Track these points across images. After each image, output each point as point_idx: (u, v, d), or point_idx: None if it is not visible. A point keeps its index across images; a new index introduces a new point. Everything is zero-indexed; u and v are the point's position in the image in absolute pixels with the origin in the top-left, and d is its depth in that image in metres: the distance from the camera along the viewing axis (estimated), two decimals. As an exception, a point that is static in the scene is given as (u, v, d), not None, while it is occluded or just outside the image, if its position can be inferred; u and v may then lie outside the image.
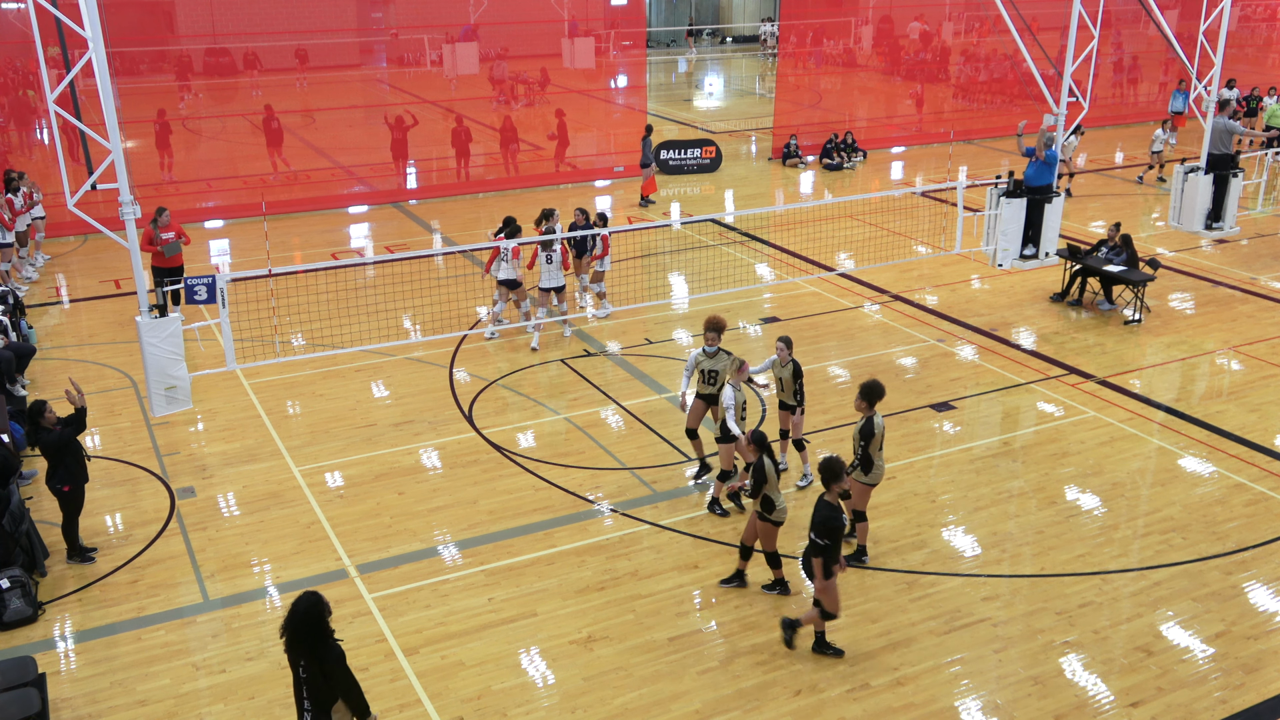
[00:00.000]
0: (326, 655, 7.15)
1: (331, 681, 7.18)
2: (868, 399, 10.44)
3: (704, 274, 19.78)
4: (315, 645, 7.15)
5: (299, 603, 7.17)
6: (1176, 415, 14.21)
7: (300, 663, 7.21)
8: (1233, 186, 18.54)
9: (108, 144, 11.22)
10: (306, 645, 7.15)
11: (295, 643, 7.17)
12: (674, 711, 9.00)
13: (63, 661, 9.65)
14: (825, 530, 9.02)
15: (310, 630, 7.13)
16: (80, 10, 10.97)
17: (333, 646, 7.21)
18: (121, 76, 33.05)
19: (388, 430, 13.79)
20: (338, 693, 7.23)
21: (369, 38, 42.34)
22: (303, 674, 7.22)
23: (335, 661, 7.17)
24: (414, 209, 24.62)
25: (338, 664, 7.18)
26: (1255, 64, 41.22)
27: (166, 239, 16.45)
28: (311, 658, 7.16)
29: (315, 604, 7.17)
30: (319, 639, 7.16)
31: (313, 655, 7.15)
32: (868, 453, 10.47)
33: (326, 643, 7.19)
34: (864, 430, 10.42)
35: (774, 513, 10.01)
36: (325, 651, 7.16)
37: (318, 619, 7.14)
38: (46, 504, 11.28)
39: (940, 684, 9.28)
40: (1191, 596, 10.47)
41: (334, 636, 7.26)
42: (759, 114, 35.27)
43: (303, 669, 7.21)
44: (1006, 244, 16.98)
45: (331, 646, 7.20)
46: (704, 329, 11.99)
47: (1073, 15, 16.38)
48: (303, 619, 7.11)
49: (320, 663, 7.15)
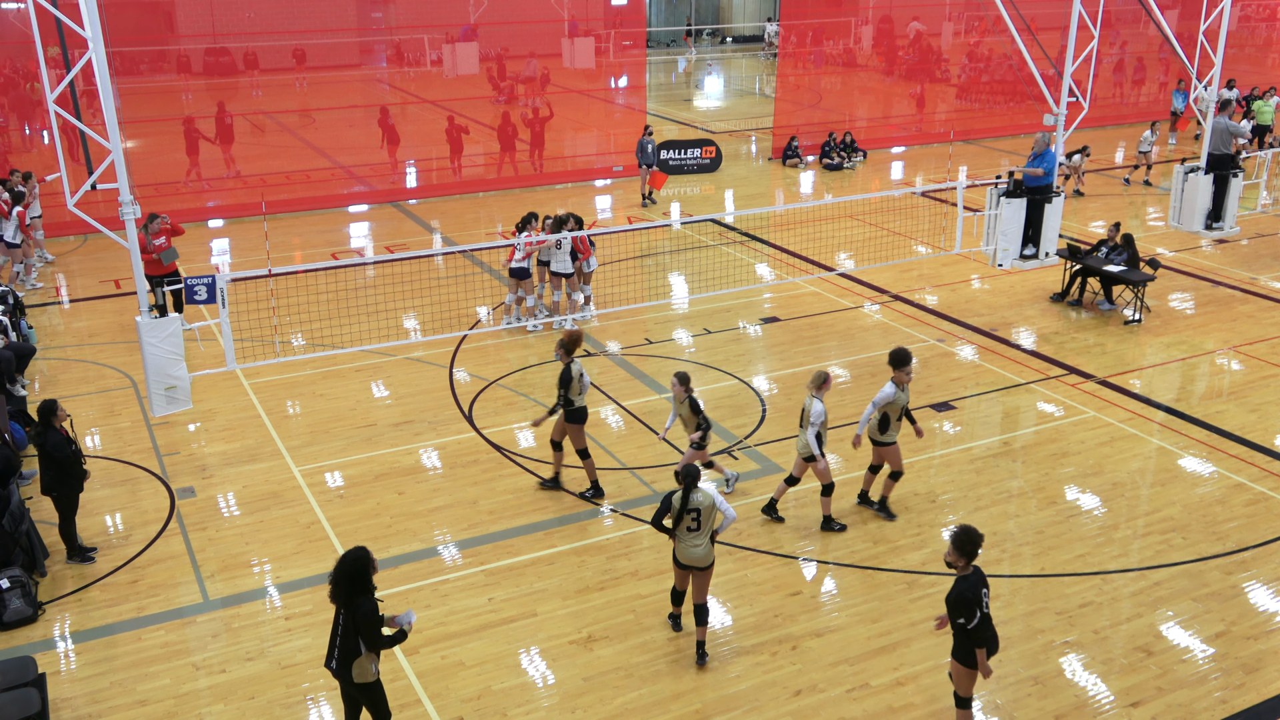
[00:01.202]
0: (360, 607, 7.63)
1: (362, 631, 7.64)
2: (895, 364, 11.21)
3: (704, 274, 19.78)
4: (353, 595, 7.63)
5: (348, 554, 7.69)
6: (1176, 415, 14.21)
7: (340, 611, 7.73)
8: (1233, 186, 18.55)
9: (108, 144, 11.22)
10: (345, 594, 7.64)
11: (336, 591, 7.67)
12: (674, 711, 9.00)
13: (63, 661, 9.65)
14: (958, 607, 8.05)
15: (351, 581, 7.61)
16: (80, 10, 10.97)
17: (368, 601, 7.67)
18: (121, 76, 33.04)
19: (388, 430, 13.79)
20: (362, 646, 7.70)
21: (369, 38, 42.33)
22: (340, 621, 7.74)
23: (366, 615, 7.64)
24: (413, 209, 24.62)
25: (367, 618, 7.64)
26: (1255, 64, 41.23)
27: (158, 244, 16.34)
28: (348, 608, 7.65)
29: (361, 558, 7.68)
30: (358, 590, 7.64)
31: (349, 605, 7.64)
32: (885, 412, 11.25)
33: (364, 596, 7.66)
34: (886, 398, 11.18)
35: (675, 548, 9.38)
36: (361, 603, 7.64)
37: (361, 571, 7.63)
38: (46, 504, 11.28)
39: (940, 684, 9.27)
40: (1191, 596, 10.47)
41: (373, 593, 7.73)
42: (759, 114, 35.27)
43: (340, 617, 7.73)
44: (1006, 244, 16.98)
45: (367, 600, 7.66)
46: (566, 342, 11.76)
47: (1073, 15, 16.38)
48: (347, 569, 7.62)
49: (354, 613, 7.63)
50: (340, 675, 7.84)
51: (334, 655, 7.81)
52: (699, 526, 9.17)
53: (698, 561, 9.31)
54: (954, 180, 25.41)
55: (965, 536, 8.01)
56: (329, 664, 7.89)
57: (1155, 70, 36.66)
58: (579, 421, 11.84)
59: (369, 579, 7.70)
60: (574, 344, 11.77)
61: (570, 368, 11.64)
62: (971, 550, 8.02)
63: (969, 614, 7.96)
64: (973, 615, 7.96)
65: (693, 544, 9.24)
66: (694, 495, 9.13)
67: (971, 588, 7.97)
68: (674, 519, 9.16)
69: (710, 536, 9.27)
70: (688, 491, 9.13)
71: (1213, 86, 18.24)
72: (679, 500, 9.14)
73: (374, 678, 7.88)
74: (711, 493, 9.23)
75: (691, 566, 9.37)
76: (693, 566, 9.37)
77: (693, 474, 9.19)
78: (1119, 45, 37.09)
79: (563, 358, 11.75)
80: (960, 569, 8.07)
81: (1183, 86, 30.06)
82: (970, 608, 7.96)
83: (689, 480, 9.15)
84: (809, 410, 10.93)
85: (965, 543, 8.00)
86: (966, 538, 8.00)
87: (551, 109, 27.38)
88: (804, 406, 11.02)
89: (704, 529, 9.19)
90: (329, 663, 7.88)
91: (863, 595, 10.49)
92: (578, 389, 11.66)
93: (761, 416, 14.15)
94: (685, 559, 9.34)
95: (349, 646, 7.72)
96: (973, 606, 7.96)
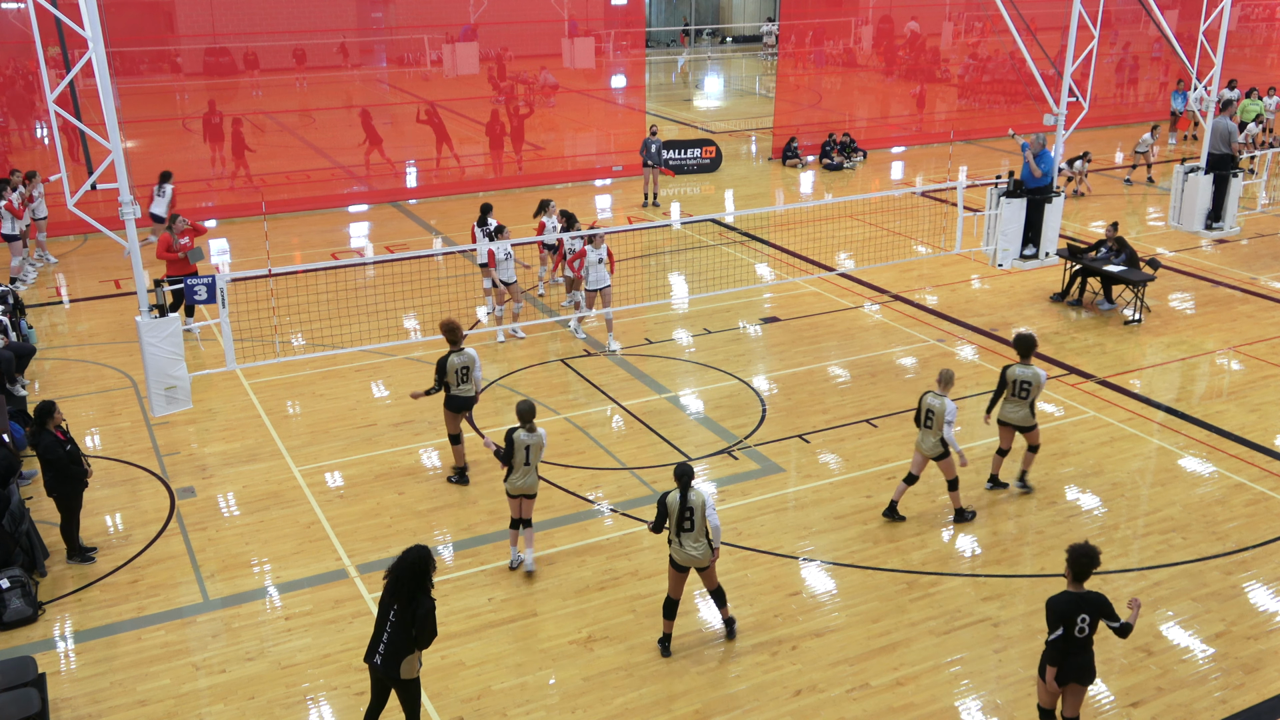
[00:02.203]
0: (421, 604, 7.75)
1: (419, 628, 7.74)
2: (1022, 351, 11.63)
3: (704, 274, 19.78)
4: (415, 592, 7.75)
5: (410, 551, 7.81)
6: (1176, 415, 14.21)
7: (394, 607, 7.76)
8: (1233, 186, 18.54)
9: (108, 144, 11.22)
10: (407, 591, 7.73)
11: (397, 587, 7.75)
12: (674, 711, 9.00)
13: (63, 661, 9.65)
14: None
15: (415, 577, 7.74)
16: (80, 10, 10.96)
17: (428, 599, 7.81)
18: (121, 76, 33.01)
19: (388, 430, 13.79)
20: (417, 642, 7.81)
21: (369, 38, 42.32)
22: (392, 618, 7.78)
23: (426, 613, 7.76)
24: (413, 209, 24.62)
25: (427, 616, 7.77)
26: (1255, 64, 41.22)
27: (184, 244, 16.37)
28: (407, 604, 7.73)
29: (425, 556, 7.81)
30: (420, 588, 7.76)
31: (409, 601, 7.72)
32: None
33: (425, 594, 7.79)
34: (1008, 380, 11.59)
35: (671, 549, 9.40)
36: (421, 601, 7.75)
37: (425, 569, 7.77)
38: (46, 504, 11.28)
39: (940, 684, 9.28)
40: (1191, 596, 10.47)
41: (432, 591, 7.86)
42: (759, 114, 35.26)
43: (394, 614, 7.76)
44: (1006, 244, 16.97)
45: (427, 598, 7.81)
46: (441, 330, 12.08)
47: (1073, 15, 16.37)
48: (411, 564, 7.75)
49: (414, 609, 7.72)
50: (386, 670, 7.86)
51: (379, 650, 7.84)
52: (693, 527, 9.17)
53: (698, 561, 9.32)
54: (954, 180, 25.41)
55: (1074, 552, 7.88)
56: (371, 659, 7.90)
57: (1155, 70, 36.65)
58: (451, 409, 12.28)
59: (430, 577, 7.83)
60: (450, 332, 12.08)
61: (449, 357, 11.97)
62: (1079, 570, 7.85)
63: (1050, 626, 7.81)
64: (1053, 628, 7.80)
65: (692, 545, 9.24)
66: (689, 495, 9.15)
67: (1066, 603, 7.81)
68: (674, 521, 9.17)
69: (707, 541, 9.26)
70: (684, 491, 9.15)
71: (1213, 86, 18.24)
72: (676, 501, 9.15)
73: (418, 673, 8.01)
74: (703, 493, 9.25)
75: (695, 566, 9.38)
76: (696, 566, 9.38)
77: (688, 473, 9.21)
78: (1119, 45, 37.07)
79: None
80: (1069, 583, 7.94)
81: (1182, 87, 30.05)
82: (1053, 621, 7.80)
83: (684, 480, 9.18)
84: (941, 410, 11.04)
85: (1073, 559, 7.87)
86: (1075, 554, 7.87)
87: (532, 107, 27.31)
88: (930, 407, 11.13)
89: (698, 528, 9.19)
90: (371, 657, 7.89)
91: (863, 595, 10.49)
92: (454, 379, 12.01)
93: (761, 416, 14.15)
94: (685, 560, 9.34)
95: (400, 642, 7.78)
96: (1056, 620, 7.78)
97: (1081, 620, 7.80)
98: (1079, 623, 7.80)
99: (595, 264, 15.81)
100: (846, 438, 13.53)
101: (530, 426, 10.27)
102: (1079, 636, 7.83)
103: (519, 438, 10.26)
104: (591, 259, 15.78)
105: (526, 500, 10.61)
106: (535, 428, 10.30)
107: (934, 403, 11.09)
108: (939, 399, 11.08)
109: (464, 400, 12.25)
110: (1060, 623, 7.77)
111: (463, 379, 12.12)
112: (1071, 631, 7.80)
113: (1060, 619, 7.77)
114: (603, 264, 15.85)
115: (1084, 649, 7.91)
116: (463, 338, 12.17)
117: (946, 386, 11.15)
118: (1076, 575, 7.88)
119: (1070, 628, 7.79)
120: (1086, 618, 7.81)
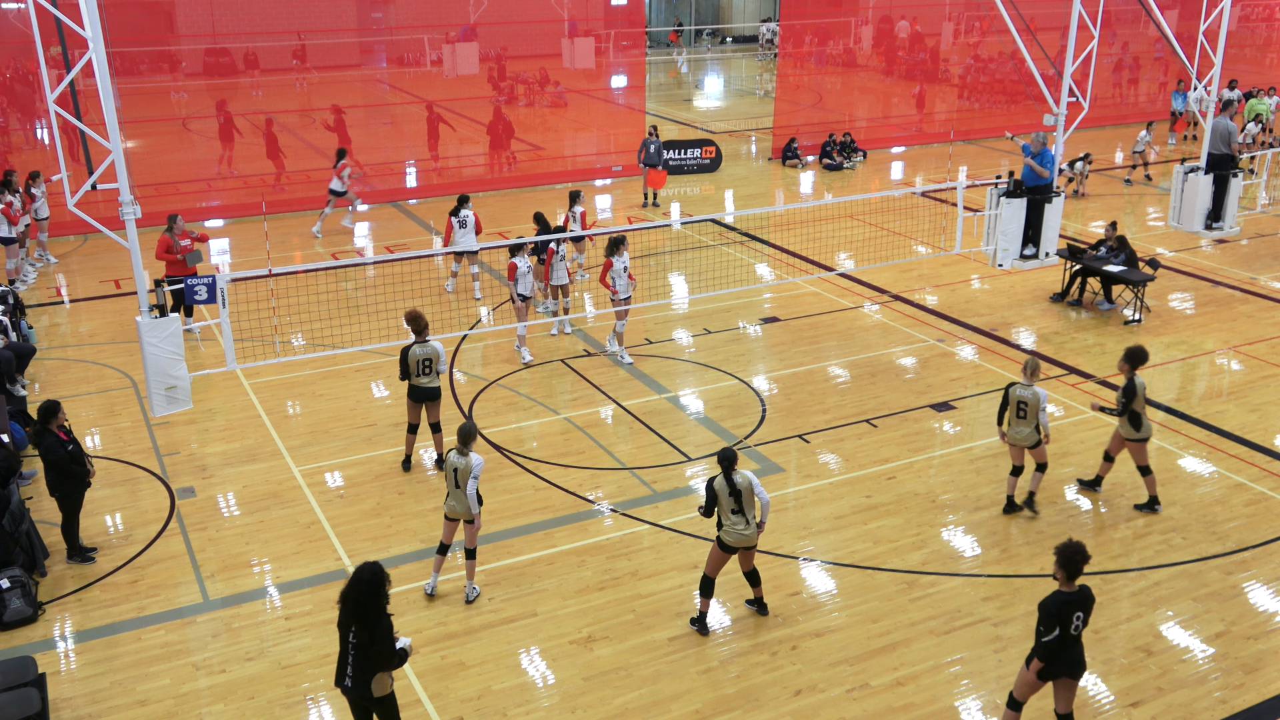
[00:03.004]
0: (378, 624, 7.51)
1: (377, 649, 7.53)
2: (1131, 362, 11.39)
3: (704, 274, 19.79)
4: (370, 613, 7.52)
5: (363, 570, 7.55)
6: (1176, 415, 14.21)
7: (352, 628, 7.55)
8: (1233, 186, 18.54)
9: (108, 144, 11.22)
10: (363, 612, 7.50)
11: (354, 609, 7.51)
12: (674, 711, 9.00)
13: (63, 661, 9.65)
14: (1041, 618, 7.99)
15: (370, 597, 7.50)
16: (80, 10, 10.97)
17: (385, 619, 7.56)
18: (121, 76, 33.02)
19: (388, 430, 13.79)
20: (380, 663, 7.60)
21: (369, 38, 42.32)
22: (352, 640, 7.57)
23: (383, 633, 7.53)
24: (413, 209, 24.62)
25: (384, 637, 7.54)
26: (1255, 64, 41.22)
27: (184, 245, 16.37)
28: (364, 625, 7.50)
29: (378, 574, 7.56)
30: (374, 607, 7.52)
31: (365, 623, 7.50)
32: (1133, 410, 11.37)
33: (381, 613, 7.54)
34: (1126, 390, 11.34)
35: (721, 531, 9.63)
36: (378, 621, 7.51)
37: (379, 588, 7.53)
38: (46, 504, 11.28)
39: (940, 684, 9.28)
40: (1191, 596, 10.47)
41: (388, 610, 7.61)
42: (759, 114, 35.26)
43: (353, 635, 7.56)
44: (1006, 244, 16.97)
45: (384, 619, 7.55)
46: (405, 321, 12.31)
47: (1073, 15, 16.37)
48: (365, 586, 7.49)
49: (371, 630, 7.50)
50: (358, 693, 7.69)
51: (347, 674, 7.64)
52: (741, 509, 9.46)
53: (748, 541, 9.63)
54: (954, 180, 25.41)
55: (1067, 552, 7.90)
56: (341, 684, 7.70)
57: (1155, 70, 36.64)
58: (411, 399, 12.41)
59: (385, 596, 7.56)
60: (414, 321, 12.22)
61: (412, 348, 12.13)
62: (1070, 567, 7.87)
63: (1047, 627, 7.85)
64: (1050, 630, 7.83)
65: (743, 526, 9.53)
66: (735, 478, 9.42)
67: (1061, 604, 7.85)
68: (724, 504, 9.46)
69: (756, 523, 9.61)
70: (729, 474, 9.42)
71: (1213, 86, 18.24)
72: (724, 485, 9.42)
73: (391, 689, 7.84)
74: (749, 475, 9.52)
75: (742, 547, 9.68)
76: (744, 547, 9.68)
77: (731, 457, 9.46)
78: (1119, 45, 37.07)
79: None
80: (1061, 583, 7.97)
81: (1182, 87, 30.05)
82: (1049, 621, 7.84)
83: (728, 464, 9.44)
84: (1035, 400, 11.19)
85: (1066, 558, 7.90)
86: (1068, 553, 7.90)
87: (533, 102, 27.32)
88: (1022, 398, 11.24)
89: (745, 510, 9.49)
90: (341, 682, 7.70)
91: (863, 595, 10.49)
92: (415, 369, 12.15)
93: (761, 416, 14.15)
94: (736, 541, 9.60)
95: (364, 664, 7.58)
96: (1052, 622, 7.82)
97: (1076, 619, 7.86)
98: (1074, 621, 7.85)
99: (620, 272, 15.21)
100: (846, 438, 13.53)
101: (464, 450, 9.92)
102: (1073, 634, 7.90)
103: (449, 459, 10.03)
104: (617, 268, 15.18)
105: (467, 525, 10.17)
106: (468, 451, 9.92)
107: (1025, 394, 11.25)
108: (1029, 389, 11.24)
109: (424, 391, 12.30)
110: (1056, 624, 7.80)
111: (424, 370, 12.19)
112: (1067, 631, 7.85)
113: (1057, 621, 7.81)
114: (627, 272, 15.29)
115: (1075, 644, 7.97)
116: (426, 328, 12.26)
117: (1034, 375, 11.29)
118: (1070, 574, 7.90)
119: (1066, 627, 7.83)
120: (1080, 615, 7.87)
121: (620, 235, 15.55)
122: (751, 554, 9.85)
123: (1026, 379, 11.30)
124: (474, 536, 10.25)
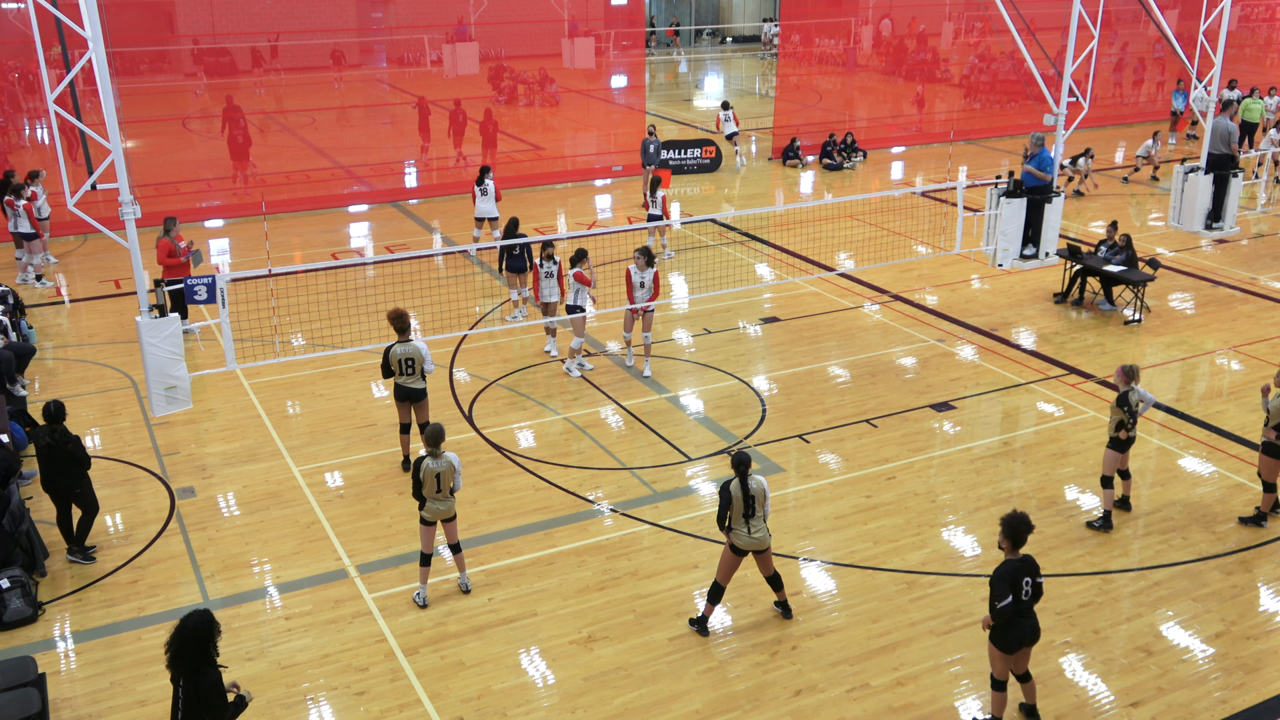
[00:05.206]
0: (205, 678, 7.09)
1: (204, 704, 7.09)
2: (1129, 376, 11.28)
3: (704, 274, 19.79)
4: (197, 664, 7.09)
5: (189, 619, 7.14)
6: (1176, 415, 14.21)
7: (179, 681, 7.14)
8: (1233, 186, 18.54)
9: (108, 144, 11.22)
10: (190, 663, 7.08)
11: (178, 660, 7.10)
12: (674, 711, 9.00)
13: (63, 661, 9.65)
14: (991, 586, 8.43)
15: (194, 648, 7.08)
16: (80, 10, 10.97)
17: (213, 671, 7.14)
18: (121, 76, 33.04)
19: (388, 430, 13.79)
20: (210, 717, 7.16)
21: (369, 38, 42.33)
22: (180, 694, 7.14)
23: (211, 687, 7.10)
24: (414, 209, 24.62)
25: (212, 690, 7.11)
26: (1255, 64, 41.22)
27: (184, 246, 16.37)
28: (190, 677, 7.09)
29: (206, 623, 7.13)
30: (201, 658, 7.10)
31: (192, 674, 7.08)
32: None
33: (209, 665, 7.13)
34: (1119, 400, 11.22)
35: (731, 535, 9.60)
36: (206, 674, 7.10)
37: (205, 638, 7.11)
38: (46, 504, 11.28)
39: (940, 684, 9.28)
40: (1191, 596, 10.47)
41: (217, 661, 7.22)
42: (759, 114, 35.26)
43: (181, 687, 7.14)
44: (1006, 244, 16.96)
45: (212, 671, 7.13)
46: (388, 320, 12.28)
47: (1073, 15, 16.37)
48: (190, 635, 7.08)
49: (197, 685, 7.08)
50: None
51: None
52: (753, 513, 9.46)
53: (761, 545, 9.61)
54: (954, 180, 25.41)
55: (1012, 522, 8.37)
56: None
57: (1155, 70, 36.64)
58: (397, 398, 12.43)
59: (214, 646, 7.15)
60: (396, 320, 12.19)
61: (394, 347, 12.13)
62: (1015, 536, 8.36)
63: (1000, 595, 8.26)
64: (1003, 596, 8.25)
65: (755, 530, 9.52)
66: (749, 482, 9.43)
67: (1012, 571, 8.30)
68: (737, 508, 9.43)
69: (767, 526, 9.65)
70: (745, 479, 9.41)
71: (1213, 86, 18.23)
72: (739, 489, 9.38)
73: None
74: (762, 480, 9.54)
75: (755, 550, 9.65)
76: (757, 550, 9.65)
77: (745, 461, 9.48)
78: (1119, 45, 37.07)
79: None
80: (1007, 552, 8.43)
81: (1182, 87, 30.04)
82: (1003, 590, 8.26)
83: (742, 468, 9.44)
84: (1140, 400, 11.20)
85: (1010, 528, 8.36)
86: (1012, 524, 8.36)
87: (532, 101, 27.30)
88: (1130, 401, 11.15)
89: (758, 513, 9.50)
90: None
91: (863, 595, 10.49)
92: (398, 369, 12.15)
93: (761, 416, 14.15)
94: (748, 545, 9.57)
95: (194, 718, 7.13)
96: (1005, 589, 8.25)
97: (1025, 584, 8.36)
98: (1025, 586, 8.35)
99: (639, 286, 14.75)
100: (846, 438, 13.53)
101: (436, 453, 9.85)
102: (1025, 600, 8.36)
103: (426, 466, 9.83)
104: (636, 280, 14.71)
105: (447, 524, 10.20)
106: (442, 453, 9.87)
107: (1130, 396, 11.24)
108: (1133, 391, 11.24)
109: (408, 391, 12.30)
110: (1009, 590, 8.26)
111: (406, 369, 12.19)
112: (1020, 595, 8.31)
113: (1009, 587, 8.26)
114: (644, 286, 14.75)
115: (1029, 612, 8.46)
116: (409, 328, 12.27)
117: (1135, 379, 11.28)
118: (1015, 543, 8.39)
119: (1018, 593, 8.30)
120: (1029, 580, 8.38)
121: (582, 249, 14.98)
122: (768, 556, 9.77)
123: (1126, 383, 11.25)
124: (455, 531, 10.33)
